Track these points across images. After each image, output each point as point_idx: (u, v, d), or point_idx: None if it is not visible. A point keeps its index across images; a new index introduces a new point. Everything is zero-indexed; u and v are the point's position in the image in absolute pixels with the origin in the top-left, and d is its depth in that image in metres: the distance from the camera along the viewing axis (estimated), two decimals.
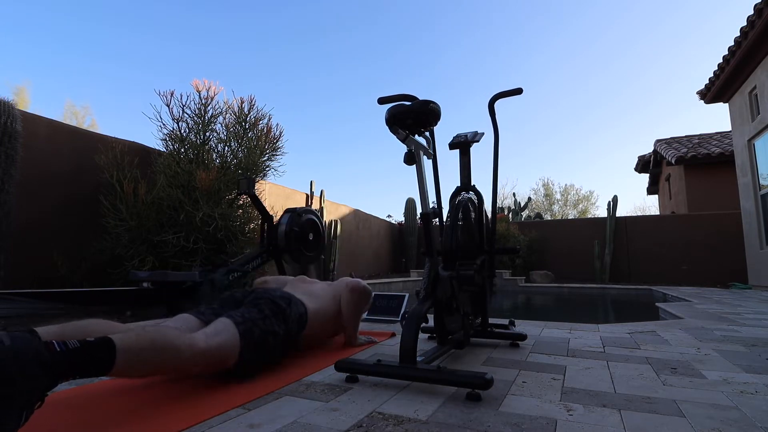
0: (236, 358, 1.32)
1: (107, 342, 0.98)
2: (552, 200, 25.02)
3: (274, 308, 1.52)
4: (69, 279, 3.61)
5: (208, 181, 3.86)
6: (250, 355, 1.36)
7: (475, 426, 1.01)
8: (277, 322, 1.49)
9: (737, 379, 1.43)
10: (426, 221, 1.53)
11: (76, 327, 1.14)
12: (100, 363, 0.95)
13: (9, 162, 2.99)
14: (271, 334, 1.45)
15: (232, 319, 1.37)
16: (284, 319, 1.53)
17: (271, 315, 1.49)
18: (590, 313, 5.58)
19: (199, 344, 1.20)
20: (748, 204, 7.36)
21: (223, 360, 1.29)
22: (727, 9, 30.15)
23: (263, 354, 1.43)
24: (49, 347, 0.87)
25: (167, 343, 1.11)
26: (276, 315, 1.51)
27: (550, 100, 38.01)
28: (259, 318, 1.44)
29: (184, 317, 1.48)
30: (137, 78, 32.14)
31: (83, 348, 0.93)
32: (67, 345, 0.90)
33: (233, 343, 1.31)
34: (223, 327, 1.33)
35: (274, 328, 1.47)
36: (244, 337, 1.34)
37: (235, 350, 1.31)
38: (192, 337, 1.21)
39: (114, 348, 0.97)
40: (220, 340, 1.28)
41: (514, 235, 9.48)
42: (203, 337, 1.25)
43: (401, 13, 34.29)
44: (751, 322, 2.83)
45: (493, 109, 2.10)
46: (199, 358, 1.20)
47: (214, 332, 1.29)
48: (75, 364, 0.90)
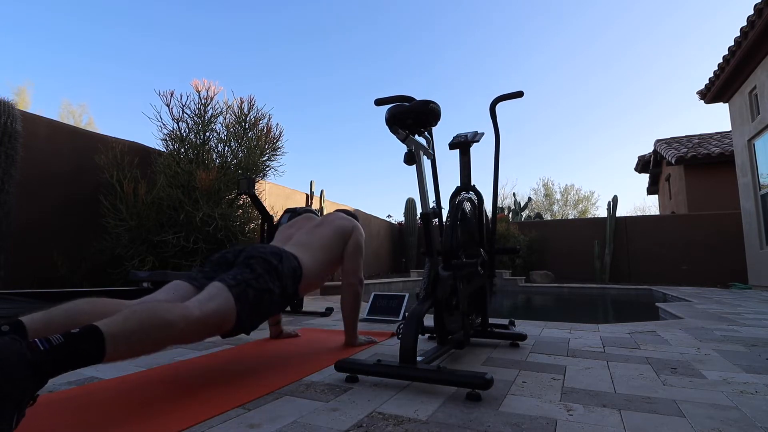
0: (233, 321, 1.29)
1: (93, 331, 0.94)
2: (552, 200, 25.03)
3: (266, 266, 1.46)
4: (69, 279, 3.61)
5: (208, 181, 3.86)
6: (246, 316, 1.33)
7: (475, 426, 1.01)
8: (270, 279, 1.44)
9: (737, 379, 1.43)
10: (426, 221, 1.53)
11: (63, 311, 1.09)
12: (89, 354, 0.92)
13: (9, 162, 2.99)
14: (267, 292, 1.41)
15: (224, 282, 1.33)
16: (278, 275, 1.48)
17: (264, 273, 1.44)
18: (590, 313, 5.58)
19: (193, 313, 1.17)
20: (748, 204, 7.37)
21: (220, 325, 1.26)
22: (727, 9, 30.19)
23: (260, 314, 1.40)
24: (32, 347, 0.84)
25: (158, 319, 1.07)
26: (269, 272, 1.46)
27: (550, 100, 38.04)
28: (252, 278, 1.39)
29: (177, 284, 1.43)
30: (137, 78, 32.17)
31: (68, 342, 0.89)
32: (51, 342, 0.87)
33: (228, 306, 1.27)
34: (217, 291, 1.29)
35: (268, 285, 1.42)
36: (239, 300, 1.30)
37: (232, 314, 1.28)
38: (185, 306, 1.18)
39: (102, 337, 0.94)
40: (215, 306, 1.24)
41: (514, 235, 9.48)
42: (197, 304, 1.21)
43: (401, 13, 34.32)
44: (751, 322, 2.83)
45: (494, 111, 2.11)
46: (195, 326, 1.17)
47: (207, 298, 1.26)
48: (62, 359, 0.87)
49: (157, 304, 1.16)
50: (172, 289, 1.40)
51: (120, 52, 31.43)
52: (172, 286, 1.42)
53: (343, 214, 1.96)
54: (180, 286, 1.41)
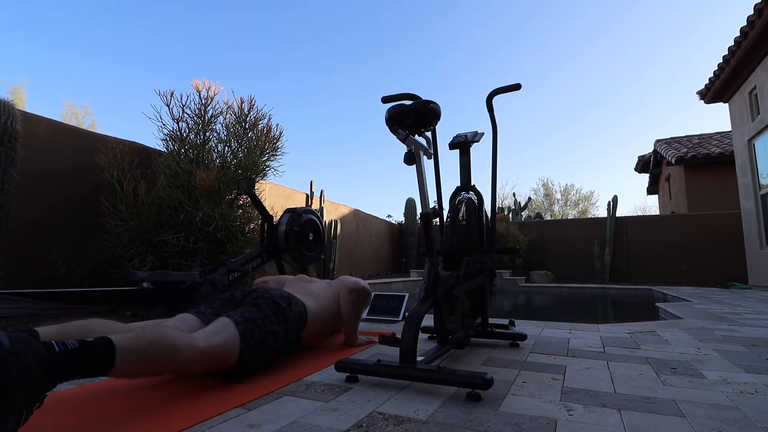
0: (236, 357, 1.32)
1: (106, 342, 0.98)
2: (552, 200, 25.01)
3: (274, 308, 1.52)
4: (69, 279, 3.61)
5: (208, 181, 3.86)
6: (250, 354, 1.36)
7: (475, 426, 1.01)
8: (277, 321, 1.49)
9: (737, 379, 1.43)
10: (426, 221, 1.53)
11: (76, 327, 1.14)
12: (100, 363, 0.95)
13: (9, 162, 2.99)
14: (271, 334, 1.45)
15: (232, 318, 1.37)
16: (284, 318, 1.53)
17: (271, 314, 1.49)
18: (590, 313, 5.58)
19: (199, 344, 1.20)
20: (748, 204, 7.36)
21: (223, 360, 1.29)
22: (727, 9, 30.18)
23: (263, 353, 1.43)
24: (48, 348, 0.87)
25: (167, 343, 1.11)
26: (276, 314, 1.51)
27: (550, 100, 38.03)
28: (259, 317, 1.44)
29: (185, 317, 1.48)
30: (137, 78, 32.17)
31: (82, 348, 0.93)
32: (67, 345, 0.90)
33: (233, 342, 1.31)
34: (223, 326, 1.33)
35: (274, 327, 1.47)
36: (244, 337, 1.34)
37: (235, 350, 1.31)
38: (192, 336, 1.22)
39: (113, 348, 0.97)
40: (220, 340, 1.28)
41: (514, 235, 9.48)
42: (203, 336, 1.25)
43: (401, 13, 34.31)
44: (751, 322, 2.83)
45: (491, 104, 2.07)
46: (199, 357, 1.20)
47: (214, 332, 1.30)
48: (74, 364, 0.90)
49: (167, 328, 1.20)
50: (179, 321, 1.46)
51: (120, 52, 31.45)
52: (180, 318, 1.48)
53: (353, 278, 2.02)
54: (187, 318, 1.47)
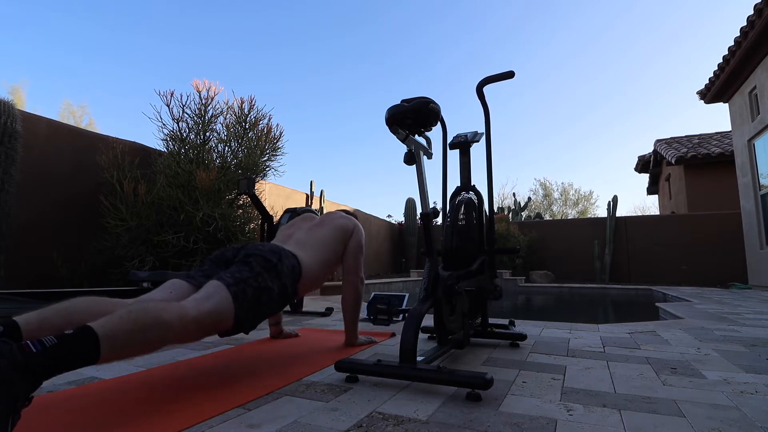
0: (231, 320, 1.28)
1: (87, 332, 0.92)
2: (551, 200, 25.01)
3: (265, 264, 1.45)
4: (69, 279, 3.61)
5: (208, 181, 3.86)
6: (245, 315, 1.32)
7: (475, 426, 1.01)
8: (270, 277, 1.43)
9: (737, 379, 1.43)
10: (426, 221, 1.53)
11: (57, 311, 1.08)
12: (84, 355, 0.91)
13: (9, 162, 2.99)
14: (265, 291, 1.40)
15: (222, 281, 1.31)
16: (277, 274, 1.46)
17: (263, 271, 1.42)
18: (590, 313, 5.58)
19: (189, 312, 1.15)
20: (748, 204, 7.37)
21: (218, 324, 1.25)
22: (727, 9, 30.17)
23: (259, 313, 1.39)
24: (24, 349, 0.83)
25: (154, 319, 1.06)
26: (268, 270, 1.44)
27: (550, 100, 38.02)
28: (250, 276, 1.38)
29: (174, 283, 1.41)
30: (137, 78, 32.17)
31: (61, 344, 0.88)
32: (44, 343, 0.86)
33: (226, 306, 1.26)
34: (214, 290, 1.27)
35: (267, 284, 1.41)
36: (236, 299, 1.29)
37: (230, 313, 1.27)
38: (181, 306, 1.16)
39: (96, 338, 0.92)
40: (212, 305, 1.22)
41: (514, 235, 9.48)
42: (193, 303, 1.20)
43: (401, 13, 34.30)
44: (751, 322, 2.83)
45: (482, 93, 2.01)
46: (192, 326, 1.15)
47: (204, 297, 1.24)
48: (56, 361, 0.86)
49: (153, 303, 1.15)
50: (169, 288, 1.38)
51: (120, 52, 31.44)
52: (170, 284, 1.40)
53: (343, 213, 1.95)
54: (177, 284, 1.39)
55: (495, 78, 1.98)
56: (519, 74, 1.92)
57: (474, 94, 2.03)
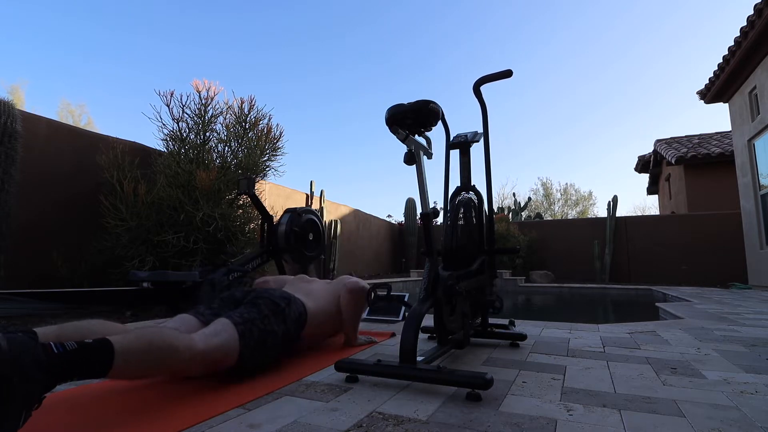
0: (236, 358, 1.32)
1: (105, 344, 0.97)
2: (552, 200, 25.00)
3: (273, 308, 1.52)
4: (69, 279, 3.61)
5: (208, 181, 3.86)
6: (249, 354, 1.36)
7: (475, 426, 1.01)
8: (276, 321, 1.49)
9: (737, 379, 1.43)
10: (426, 221, 1.53)
11: (75, 327, 1.13)
12: (98, 365, 0.95)
13: (9, 162, 2.99)
14: (271, 334, 1.45)
15: (231, 319, 1.37)
16: (283, 318, 1.53)
17: (270, 314, 1.49)
18: (590, 313, 5.58)
19: (198, 345, 1.20)
20: (748, 204, 7.37)
21: (223, 360, 1.30)
22: (727, 9, 30.17)
23: (262, 354, 1.43)
24: (47, 349, 0.87)
25: (165, 345, 1.11)
26: (275, 314, 1.51)
27: (551, 100, 38.02)
28: (258, 318, 1.44)
29: (184, 317, 1.48)
30: (137, 78, 32.17)
31: (81, 350, 0.92)
32: (65, 347, 0.90)
33: (232, 343, 1.31)
34: (222, 327, 1.33)
35: (273, 327, 1.47)
36: (243, 338, 1.34)
37: (235, 351, 1.31)
38: (191, 338, 1.21)
39: (112, 350, 0.97)
40: (219, 341, 1.28)
41: (514, 235, 9.48)
42: (202, 337, 1.25)
43: (402, 13, 34.30)
44: (751, 322, 2.83)
45: (479, 92, 1.99)
46: (198, 358, 1.20)
47: (213, 333, 1.29)
48: (73, 366, 0.90)
49: (166, 329, 1.21)
50: (178, 322, 1.45)
51: (120, 52, 31.45)
52: (179, 318, 1.48)
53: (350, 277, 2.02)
54: (186, 319, 1.47)
55: (492, 77, 1.95)
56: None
57: (473, 94, 2.02)
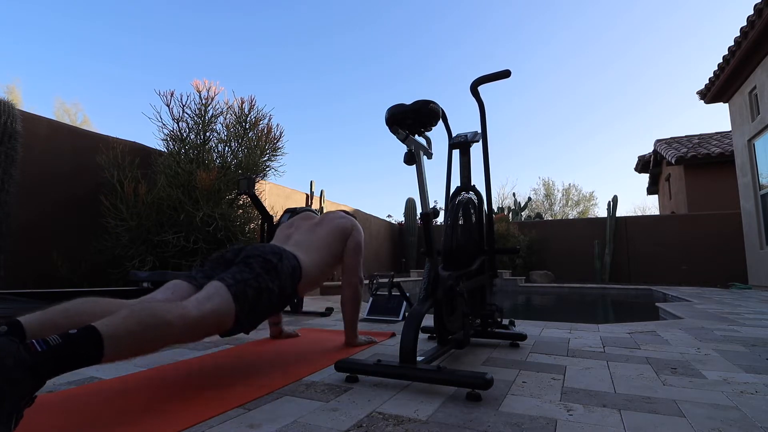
0: (232, 321, 1.29)
1: (91, 332, 0.93)
2: (552, 200, 25.00)
3: (265, 265, 1.46)
4: (69, 279, 3.61)
5: (208, 181, 3.86)
6: (245, 316, 1.33)
7: (475, 426, 1.01)
8: (270, 278, 1.44)
9: (737, 379, 1.43)
10: (426, 221, 1.53)
11: (61, 312, 1.08)
12: (87, 354, 0.92)
13: (9, 162, 2.99)
14: (266, 292, 1.41)
15: (223, 281, 1.32)
16: (277, 274, 1.47)
17: (263, 272, 1.43)
18: (590, 313, 5.58)
19: (191, 312, 1.16)
20: (748, 204, 7.36)
21: (219, 324, 1.26)
22: (727, 9, 30.15)
23: (259, 313, 1.40)
24: (29, 348, 0.84)
25: (156, 319, 1.07)
26: (268, 272, 1.45)
27: (550, 100, 38.02)
28: (251, 277, 1.39)
29: (176, 283, 1.42)
30: (137, 78, 32.18)
31: (66, 343, 0.89)
32: (49, 343, 0.86)
33: (227, 306, 1.27)
34: (215, 291, 1.29)
35: (267, 285, 1.42)
36: (237, 300, 1.30)
37: (230, 313, 1.28)
38: (183, 306, 1.17)
39: (100, 337, 0.93)
40: (213, 306, 1.24)
41: (514, 235, 9.48)
42: (195, 303, 1.21)
43: (401, 14, 34.30)
44: (751, 322, 2.83)
45: (476, 92, 1.97)
46: (193, 326, 1.16)
47: (206, 297, 1.25)
48: (60, 360, 0.87)
49: (155, 303, 1.16)
50: (170, 289, 1.39)
51: (120, 52, 31.45)
52: (171, 285, 1.42)
53: (342, 213, 1.95)
54: (179, 285, 1.41)
55: (490, 77, 1.93)
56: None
57: (471, 94, 2.01)
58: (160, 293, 1.38)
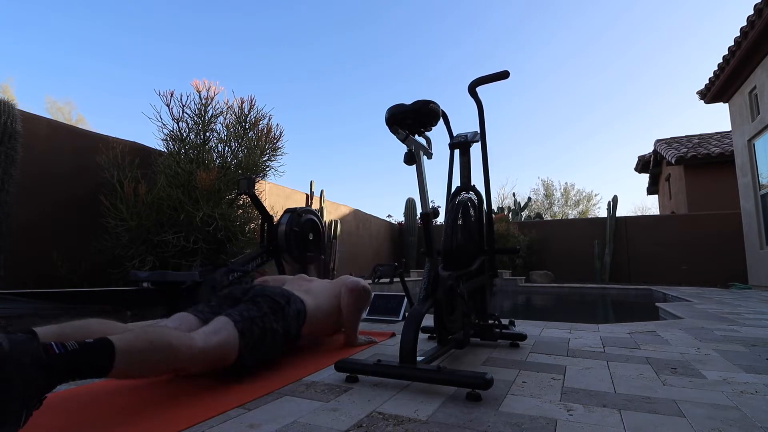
0: (235, 356, 1.32)
1: (106, 343, 0.97)
2: (552, 200, 24.99)
3: (272, 305, 1.51)
4: (69, 279, 3.61)
5: (208, 181, 3.86)
6: (249, 353, 1.36)
7: (475, 426, 1.01)
8: (275, 319, 1.49)
9: (737, 379, 1.43)
10: (426, 221, 1.53)
11: (75, 327, 1.13)
12: (99, 365, 0.95)
13: (9, 162, 2.99)
14: (270, 332, 1.45)
15: (230, 317, 1.37)
16: (283, 316, 1.53)
17: (270, 312, 1.48)
18: (590, 313, 5.58)
19: (197, 344, 1.20)
20: (748, 204, 7.36)
21: (222, 359, 1.29)
22: (727, 9, 30.16)
23: (262, 352, 1.43)
24: (48, 349, 0.87)
25: (166, 344, 1.11)
26: (275, 312, 1.50)
27: (550, 100, 38.02)
28: (257, 316, 1.43)
29: (182, 316, 1.47)
30: (137, 78, 32.17)
31: (82, 350, 0.92)
32: (66, 347, 0.90)
33: (232, 341, 1.31)
34: (222, 326, 1.32)
35: (272, 325, 1.46)
36: (243, 336, 1.34)
37: (234, 349, 1.31)
38: (190, 336, 1.21)
39: (113, 349, 0.97)
40: (219, 339, 1.27)
41: (514, 235, 9.48)
42: (202, 336, 1.25)
43: (402, 13, 34.30)
44: (751, 322, 2.83)
45: (475, 93, 1.95)
46: (198, 357, 1.20)
47: (212, 331, 1.29)
48: (74, 366, 0.90)
49: (166, 328, 1.20)
50: (177, 320, 1.44)
51: (120, 52, 31.46)
52: (178, 317, 1.47)
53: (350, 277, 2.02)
54: (186, 318, 1.46)
55: (489, 78, 1.91)
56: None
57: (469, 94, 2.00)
58: (168, 322, 1.43)
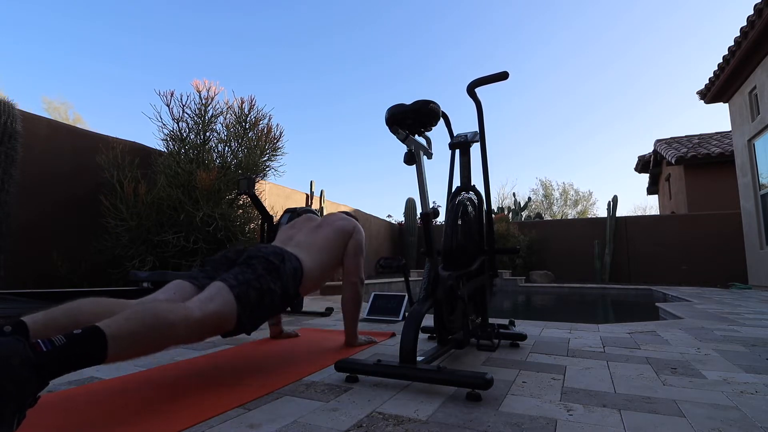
0: (234, 322, 1.29)
1: (95, 332, 0.94)
2: (552, 200, 24.99)
3: (267, 266, 1.46)
4: (69, 279, 3.61)
5: (208, 181, 3.86)
6: (247, 317, 1.33)
7: (475, 426, 1.01)
8: (272, 279, 1.44)
9: (737, 379, 1.43)
10: (426, 221, 1.53)
11: (65, 311, 1.08)
12: (91, 355, 0.92)
13: (9, 162, 2.99)
14: (268, 293, 1.41)
15: (226, 282, 1.33)
16: (279, 276, 1.47)
17: (265, 273, 1.43)
18: (590, 313, 5.58)
19: (194, 314, 1.17)
20: (748, 204, 7.36)
21: (221, 325, 1.27)
22: (727, 9, 30.17)
23: (261, 314, 1.40)
24: (35, 348, 0.84)
25: (159, 320, 1.07)
26: (270, 273, 1.45)
27: (550, 100, 38.02)
28: (253, 278, 1.39)
29: (178, 284, 1.42)
30: (137, 78, 32.18)
31: (71, 343, 0.89)
32: (54, 343, 0.87)
33: (229, 308, 1.27)
34: (217, 291, 1.29)
35: (270, 286, 1.42)
36: (239, 301, 1.30)
37: (233, 314, 1.28)
38: (186, 307, 1.18)
39: (104, 338, 0.94)
40: (216, 306, 1.24)
41: (514, 235, 9.48)
42: (198, 304, 1.21)
43: (402, 13, 34.30)
44: (751, 322, 2.83)
45: (474, 93, 1.94)
46: (196, 327, 1.17)
47: (208, 298, 1.25)
48: (65, 360, 0.87)
49: (158, 304, 1.16)
50: (173, 289, 1.40)
51: (120, 52, 31.47)
52: (173, 285, 1.42)
53: (343, 215, 1.96)
54: (181, 285, 1.41)
55: (488, 79, 1.90)
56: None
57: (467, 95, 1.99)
58: (162, 293, 1.38)
